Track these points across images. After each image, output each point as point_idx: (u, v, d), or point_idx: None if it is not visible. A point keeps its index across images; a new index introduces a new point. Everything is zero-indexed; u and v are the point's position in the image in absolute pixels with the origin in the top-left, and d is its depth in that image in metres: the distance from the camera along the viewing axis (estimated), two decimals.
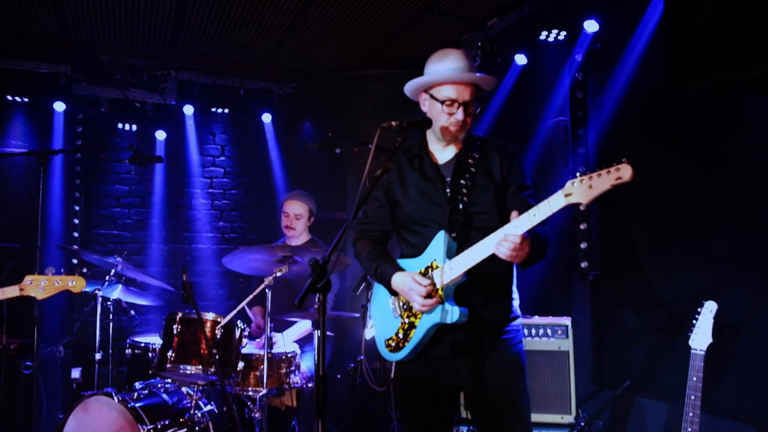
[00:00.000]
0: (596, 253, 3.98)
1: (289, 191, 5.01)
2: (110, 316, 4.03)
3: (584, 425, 3.57)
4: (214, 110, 6.09)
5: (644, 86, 3.63)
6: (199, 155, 6.18)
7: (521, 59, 4.47)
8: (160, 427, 3.40)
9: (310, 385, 4.00)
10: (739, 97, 2.93)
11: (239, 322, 3.67)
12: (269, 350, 3.61)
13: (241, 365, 3.65)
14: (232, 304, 5.44)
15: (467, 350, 2.36)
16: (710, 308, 2.85)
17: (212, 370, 3.43)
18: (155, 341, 3.86)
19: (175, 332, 3.51)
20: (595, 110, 4.04)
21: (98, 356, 3.94)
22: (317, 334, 3.81)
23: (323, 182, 5.54)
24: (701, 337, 2.83)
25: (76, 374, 4.84)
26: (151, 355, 3.82)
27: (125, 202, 5.93)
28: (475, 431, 2.92)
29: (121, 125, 5.87)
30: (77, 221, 5.60)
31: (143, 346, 4.03)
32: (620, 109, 3.84)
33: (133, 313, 4.31)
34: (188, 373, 3.47)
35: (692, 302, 2.94)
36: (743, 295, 3.09)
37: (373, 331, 2.62)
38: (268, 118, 6.20)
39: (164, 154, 5.90)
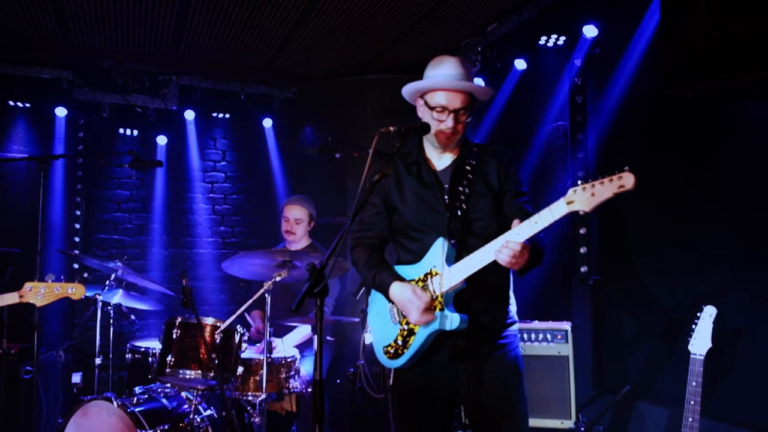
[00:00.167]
0: (596, 257, 3.98)
1: (289, 196, 5.02)
2: (111, 320, 4.04)
3: (584, 430, 3.57)
4: (215, 115, 6.12)
5: (643, 91, 3.64)
6: (200, 160, 6.20)
7: (521, 64, 4.48)
8: (159, 431, 3.40)
9: (309, 389, 3.99)
10: (735, 101, 2.93)
11: (239, 326, 3.67)
12: (269, 355, 3.61)
13: (240, 370, 3.65)
14: (232, 308, 5.45)
15: (465, 356, 2.36)
16: (710, 313, 2.84)
17: (211, 374, 3.43)
18: (155, 346, 3.86)
19: (174, 337, 3.52)
20: (594, 115, 4.05)
21: (98, 361, 3.94)
22: (317, 339, 3.82)
23: (324, 187, 5.55)
24: (701, 341, 2.82)
25: (76, 379, 4.83)
26: (151, 359, 3.82)
27: (126, 206, 5.95)
28: None
29: (122, 130, 5.89)
30: (78, 226, 5.61)
31: (143, 350, 4.03)
32: (619, 113, 3.84)
33: (133, 317, 4.32)
34: (187, 377, 3.47)
35: (692, 307, 2.93)
36: (743, 299, 3.09)
37: (371, 336, 2.62)
38: (268, 122, 6.22)
39: (165, 159, 5.91)
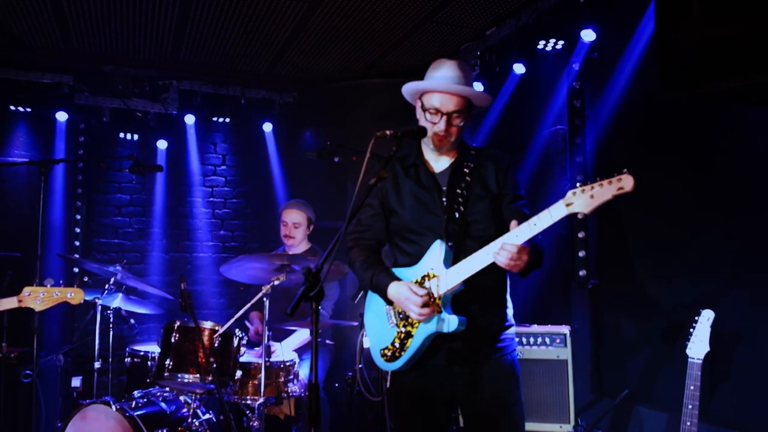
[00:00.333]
0: (594, 261, 3.98)
1: (290, 200, 5.03)
2: (110, 324, 4.04)
3: None
4: (215, 119, 6.13)
5: (641, 94, 3.65)
6: (200, 164, 6.21)
7: (519, 68, 4.49)
8: None
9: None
10: (731, 106, 2.94)
11: (237, 330, 3.67)
12: (267, 359, 3.62)
13: (239, 374, 3.65)
14: (232, 312, 5.45)
15: (462, 359, 2.36)
16: (707, 317, 2.84)
17: (210, 378, 3.43)
18: (155, 350, 3.86)
19: (173, 341, 3.52)
20: (592, 119, 4.05)
21: (97, 365, 3.94)
22: (313, 341, 3.82)
23: (324, 191, 5.55)
24: (698, 345, 2.82)
25: (76, 383, 4.84)
26: (150, 363, 3.83)
27: (126, 211, 5.96)
28: None
29: (122, 135, 5.91)
30: (78, 230, 5.63)
31: (142, 354, 4.03)
32: (617, 117, 3.85)
33: (133, 321, 4.31)
34: (186, 381, 3.47)
35: (690, 310, 2.93)
36: (741, 303, 3.08)
37: (368, 339, 2.61)
38: (269, 127, 6.23)
39: (165, 163, 5.93)
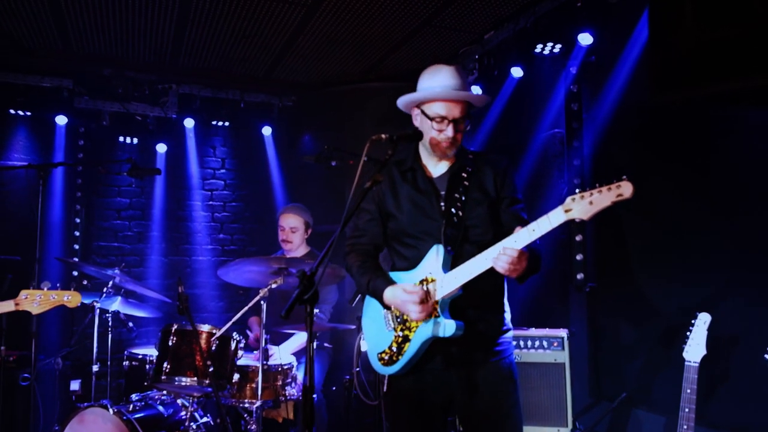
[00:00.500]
0: (592, 265, 3.99)
1: (289, 204, 5.03)
2: (109, 328, 4.04)
3: None
4: (214, 123, 6.15)
5: (638, 97, 3.65)
6: (199, 168, 6.22)
7: (517, 72, 4.50)
8: None
9: None
10: (728, 109, 2.94)
11: (235, 333, 3.67)
12: (265, 362, 3.62)
13: (236, 377, 3.65)
14: (231, 315, 5.46)
15: (460, 363, 2.36)
16: (704, 320, 2.84)
17: (207, 381, 3.43)
18: (153, 353, 3.86)
19: (170, 344, 3.52)
20: (590, 122, 4.06)
21: (95, 368, 3.94)
22: (313, 346, 3.82)
23: (323, 194, 5.56)
24: (695, 349, 2.82)
25: (75, 386, 4.85)
26: (148, 366, 3.83)
27: (126, 214, 5.97)
28: None
29: (122, 138, 5.92)
30: (78, 233, 5.64)
31: (141, 357, 4.04)
32: (615, 120, 3.86)
33: (131, 324, 4.32)
34: (183, 384, 3.48)
35: (687, 314, 2.93)
36: (738, 306, 3.09)
37: (366, 343, 2.61)
38: (268, 131, 6.24)
39: (165, 166, 5.95)
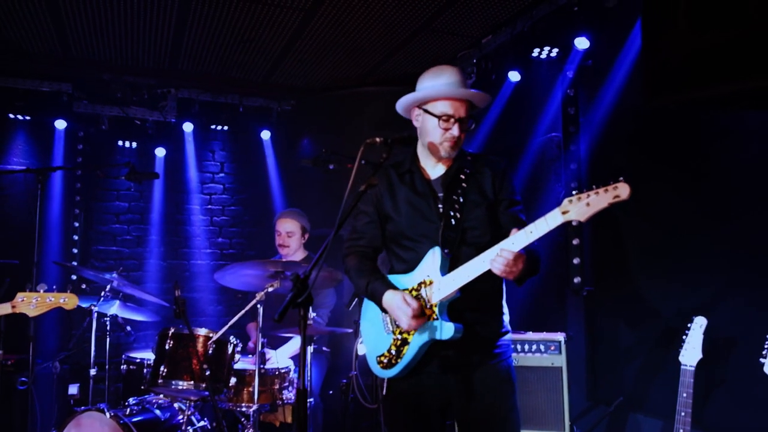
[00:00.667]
0: (589, 268, 3.99)
1: (287, 208, 5.04)
2: (107, 332, 4.05)
3: None
4: (213, 127, 6.17)
5: (634, 101, 3.66)
6: (198, 172, 6.23)
7: (515, 76, 4.51)
8: None
9: None
10: (720, 111, 2.95)
11: (232, 337, 3.67)
12: (262, 366, 3.62)
13: (233, 381, 3.65)
14: (229, 320, 5.47)
15: (459, 366, 2.36)
16: (700, 323, 2.84)
17: (203, 385, 3.43)
18: (151, 357, 3.86)
19: (167, 348, 3.53)
20: (586, 126, 4.07)
21: (93, 372, 3.93)
22: (311, 349, 3.83)
23: (322, 198, 5.56)
24: (691, 352, 2.82)
25: (74, 390, 4.83)
26: (146, 370, 3.82)
27: (125, 218, 5.98)
28: None
29: (121, 143, 5.94)
30: (77, 237, 5.65)
31: (138, 361, 4.04)
32: (611, 124, 3.87)
33: (129, 328, 4.32)
34: (180, 388, 3.48)
35: (684, 317, 2.94)
36: (734, 309, 3.08)
37: (364, 347, 2.62)
38: (267, 135, 6.26)
39: (164, 171, 5.96)
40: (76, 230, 5.66)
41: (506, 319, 2.49)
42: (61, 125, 5.56)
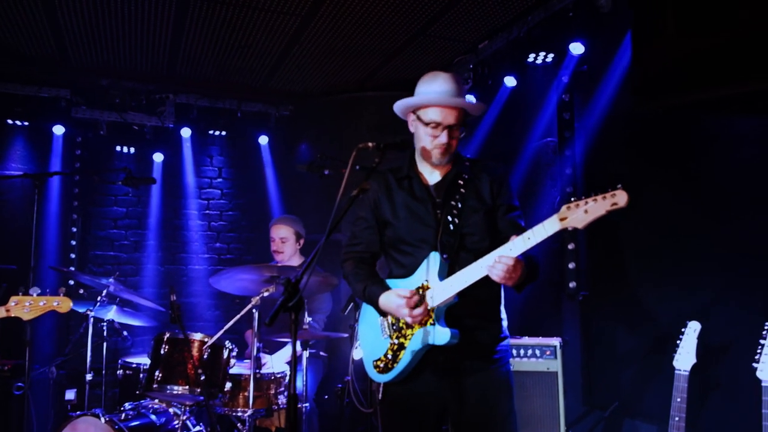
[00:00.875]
0: (584, 273, 3.99)
1: (285, 213, 5.04)
2: (104, 337, 4.05)
3: None
4: (211, 133, 6.18)
5: (628, 106, 3.67)
6: (196, 177, 6.25)
7: (510, 81, 4.52)
8: None
9: (300, 405, 3.98)
10: (712, 115, 2.96)
11: (227, 342, 3.67)
12: (257, 371, 3.61)
13: (228, 386, 3.64)
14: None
15: (455, 371, 2.36)
16: (694, 328, 2.84)
17: (199, 390, 3.43)
18: (147, 362, 3.86)
19: (162, 352, 3.53)
20: (582, 131, 4.08)
21: (89, 377, 3.94)
22: (307, 354, 3.83)
23: (320, 203, 5.55)
24: (685, 357, 2.81)
25: (70, 395, 4.83)
26: (142, 375, 3.82)
27: (122, 223, 5.99)
28: None
29: (119, 148, 5.96)
30: (74, 242, 5.67)
31: (134, 366, 4.04)
32: (606, 128, 3.88)
33: (126, 333, 4.32)
34: (175, 393, 3.47)
35: (679, 322, 2.93)
36: (728, 314, 3.08)
37: (360, 351, 2.61)
38: (265, 140, 6.27)
39: (161, 176, 5.98)
40: (73, 235, 5.68)
41: (504, 324, 2.48)
42: (59, 131, 5.58)
